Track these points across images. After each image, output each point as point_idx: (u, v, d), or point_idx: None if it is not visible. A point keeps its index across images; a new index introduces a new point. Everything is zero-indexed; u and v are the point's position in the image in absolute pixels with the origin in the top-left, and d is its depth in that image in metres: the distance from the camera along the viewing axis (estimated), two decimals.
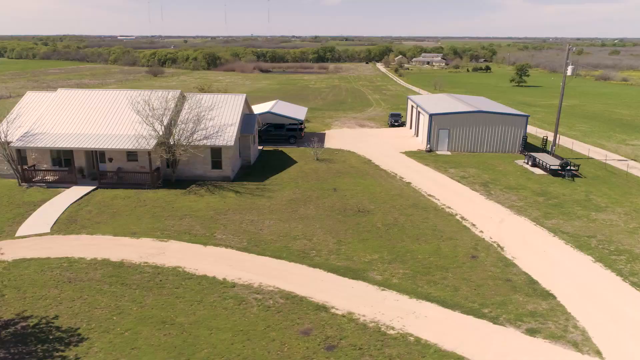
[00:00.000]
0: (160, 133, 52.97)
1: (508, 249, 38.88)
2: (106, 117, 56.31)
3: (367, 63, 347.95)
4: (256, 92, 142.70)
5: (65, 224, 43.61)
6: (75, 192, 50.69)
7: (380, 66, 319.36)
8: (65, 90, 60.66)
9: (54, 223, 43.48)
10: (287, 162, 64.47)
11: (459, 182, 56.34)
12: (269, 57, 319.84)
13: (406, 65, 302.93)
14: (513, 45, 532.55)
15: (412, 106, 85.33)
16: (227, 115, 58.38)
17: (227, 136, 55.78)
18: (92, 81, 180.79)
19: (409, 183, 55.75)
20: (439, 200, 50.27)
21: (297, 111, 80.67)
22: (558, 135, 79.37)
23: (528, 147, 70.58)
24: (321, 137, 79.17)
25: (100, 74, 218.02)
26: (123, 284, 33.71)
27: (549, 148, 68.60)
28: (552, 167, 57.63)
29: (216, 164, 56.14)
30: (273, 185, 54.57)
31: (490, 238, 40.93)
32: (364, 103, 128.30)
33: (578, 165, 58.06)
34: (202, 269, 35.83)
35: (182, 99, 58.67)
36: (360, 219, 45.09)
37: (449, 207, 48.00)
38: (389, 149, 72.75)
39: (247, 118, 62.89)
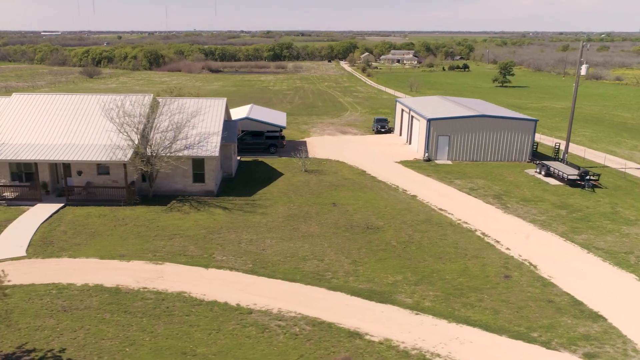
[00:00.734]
0: (137, 142, 53.53)
1: (542, 268, 40.79)
2: (73, 125, 56.75)
3: (329, 61, 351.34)
4: (210, 96, 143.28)
5: (41, 247, 43.98)
6: (42, 211, 50.93)
7: (344, 65, 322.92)
8: (21, 94, 60.86)
9: (28, 245, 43.69)
10: (271, 174, 65.63)
11: (468, 194, 58.31)
12: (218, 55, 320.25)
13: (374, 64, 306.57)
14: (490, 41, 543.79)
15: (403, 110, 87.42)
16: (208, 122, 59.33)
17: (211, 146, 56.73)
18: (20, 84, 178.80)
19: (415, 196, 57.49)
20: (452, 214, 52.08)
21: (276, 117, 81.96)
22: (555, 142, 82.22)
23: (536, 155, 73.02)
24: (302, 146, 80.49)
25: (27, 75, 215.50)
26: (126, 312, 34.43)
27: (560, 156, 71.13)
28: (570, 177, 59.96)
29: (198, 177, 57.01)
30: (263, 201, 55.65)
31: (520, 256, 42.82)
32: (337, 107, 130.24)
33: (598, 175, 60.62)
34: (210, 294, 36.75)
35: (155, 104, 59.33)
36: (371, 237, 46.55)
37: (466, 223, 49.83)
38: (381, 158, 74.53)
39: (228, 125, 63.91)
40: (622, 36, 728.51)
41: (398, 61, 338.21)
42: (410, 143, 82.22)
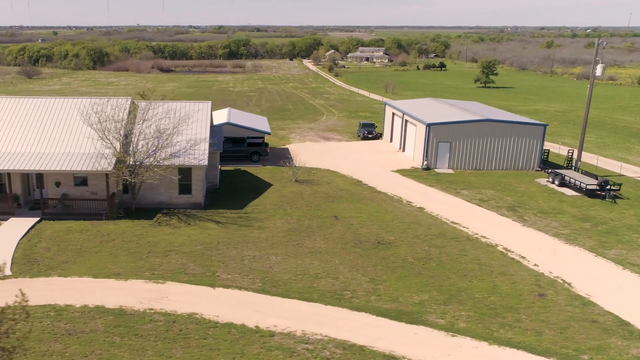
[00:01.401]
0: (118, 150, 54.20)
1: (577, 285, 42.55)
2: (46, 132, 57.21)
3: (291, 60, 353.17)
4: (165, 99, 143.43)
5: (26, 265, 44.43)
6: (18, 225, 51.30)
7: (308, 63, 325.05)
8: None
9: (11, 263, 44.12)
10: (259, 184, 66.71)
11: (479, 206, 60.12)
12: (169, 53, 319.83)
13: (341, 62, 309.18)
14: (465, 37, 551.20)
15: (394, 114, 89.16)
16: (194, 128, 60.19)
17: (199, 154, 57.62)
18: None
19: (422, 208, 59.11)
20: (467, 228, 53.77)
21: (258, 122, 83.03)
22: (569, 149, 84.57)
23: (546, 164, 75.17)
24: (286, 154, 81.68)
25: None
26: (137, 335, 35.22)
27: (571, 163, 73.35)
28: (589, 187, 62.10)
29: (185, 188, 57.83)
30: (257, 214, 56.71)
31: (550, 272, 44.58)
32: (310, 110, 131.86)
33: (619, 185, 62.82)
34: (224, 316, 37.71)
35: (134, 108, 60.02)
36: (385, 253, 47.95)
37: (484, 237, 51.53)
38: (375, 166, 76.09)
39: (212, 131, 64.80)
40: (610, 31, 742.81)
41: (367, 59, 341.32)
42: (404, 150, 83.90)
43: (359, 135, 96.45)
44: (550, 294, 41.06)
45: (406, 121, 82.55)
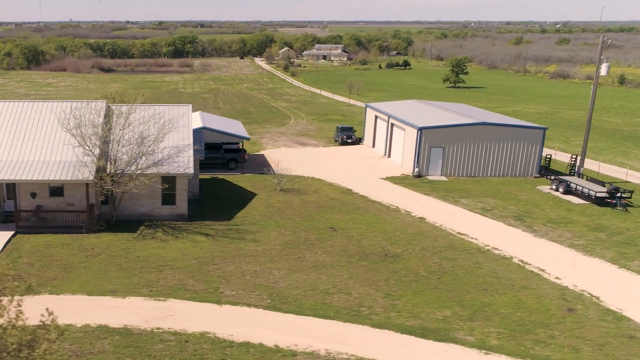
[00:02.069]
0: (100, 158, 54.61)
1: (606, 299, 44.22)
2: (18, 138, 57.24)
3: (242, 58, 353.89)
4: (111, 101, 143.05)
5: (11, 282, 44.50)
6: None
7: (261, 62, 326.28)
8: None
9: None
10: (242, 194, 67.54)
11: (483, 215, 61.78)
12: (109, 51, 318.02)
13: (296, 61, 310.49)
14: (427, 33, 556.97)
15: (377, 118, 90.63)
16: (177, 134, 60.71)
17: (183, 161, 58.25)
18: None
19: (423, 218, 60.55)
20: (476, 239, 55.32)
21: (234, 126, 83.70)
22: (572, 155, 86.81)
23: (547, 170, 77.13)
24: (262, 160, 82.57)
25: None
26: (150, 356, 35.93)
27: (574, 170, 75.39)
28: (598, 195, 64.11)
29: (168, 198, 58.42)
30: (247, 225, 57.59)
31: (575, 286, 46.22)
32: (275, 114, 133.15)
33: (631, 192, 64.93)
34: (238, 334, 38.58)
35: (109, 112, 60.40)
36: (395, 266, 49.24)
37: (496, 249, 53.11)
38: (362, 174, 77.44)
39: (194, 137, 65.37)
40: (581, 26, 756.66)
41: (324, 57, 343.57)
42: (389, 156, 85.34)
43: (336, 140, 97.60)
44: (579, 308, 42.57)
45: (392, 125, 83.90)
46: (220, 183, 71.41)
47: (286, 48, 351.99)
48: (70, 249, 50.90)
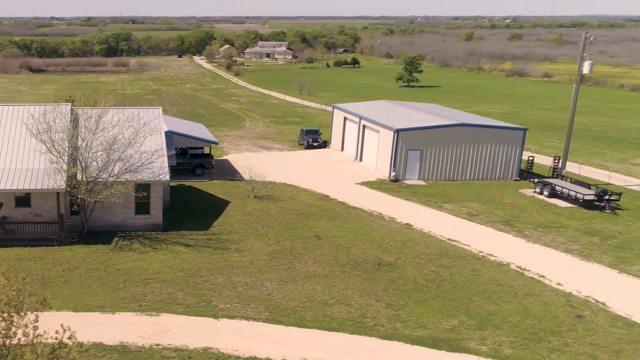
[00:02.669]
0: (69, 164, 54.59)
1: (612, 305, 45.66)
2: None
3: (180, 56, 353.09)
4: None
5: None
6: None
7: (201, 61, 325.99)
8: None
9: None
10: (214, 201, 67.94)
11: (470, 221, 63.12)
12: (36, 50, 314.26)
13: (239, 59, 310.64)
14: (373, 28, 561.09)
15: (347, 119, 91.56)
16: (149, 138, 60.73)
17: (157, 167, 58.41)
18: None
19: (409, 225, 61.65)
20: (468, 246, 56.58)
21: (197, 129, 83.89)
22: (554, 157, 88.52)
23: (528, 172, 78.75)
24: (228, 166, 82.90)
25: None
26: None
27: (557, 172, 77.08)
28: (586, 198, 65.85)
29: (142, 207, 58.52)
30: (227, 235, 58.07)
31: (579, 292, 47.66)
32: (228, 116, 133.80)
33: (619, 195, 66.80)
34: (243, 349, 39.13)
35: (75, 116, 60.30)
36: (391, 275, 50.22)
37: (491, 255, 54.42)
38: (335, 178, 78.33)
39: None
40: (532, 21, 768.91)
41: (268, 55, 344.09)
42: (361, 160, 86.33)
43: (301, 144, 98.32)
44: (587, 315, 43.90)
45: (364, 127, 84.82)
46: (189, 190, 71.61)
47: (227, 46, 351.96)
48: (44, 263, 50.79)
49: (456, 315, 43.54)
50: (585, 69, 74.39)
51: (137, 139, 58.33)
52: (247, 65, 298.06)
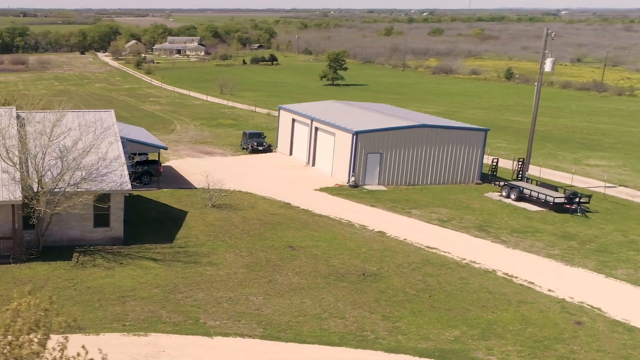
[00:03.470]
0: (24, 173, 54.42)
1: (608, 310, 48.06)
2: None
3: (83, 53, 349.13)
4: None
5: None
6: None
7: (106, 58, 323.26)
8: None
9: None
10: (171, 212, 68.32)
11: (443, 227, 65.14)
12: None
13: (148, 56, 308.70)
14: (285, 22, 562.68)
15: (295, 121, 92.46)
16: (104, 144, 60.71)
17: (117, 176, 58.47)
18: None
19: (383, 233, 63.21)
20: (449, 253, 58.46)
21: (140, 134, 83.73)
22: (512, 159, 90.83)
23: (487, 175, 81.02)
24: (174, 173, 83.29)
25: None
26: None
27: (517, 175, 79.54)
28: (557, 201, 68.33)
29: (101, 219, 58.48)
30: (194, 247, 58.66)
31: (572, 298, 49.96)
32: (155, 119, 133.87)
33: (589, 197, 69.64)
34: None
35: (20, 120, 60.01)
36: (378, 285, 51.71)
37: (474, 262, 56.40)
38: (291, 185, 79.41)
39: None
40: (450, 15, 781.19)
41: (179, 52, 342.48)
42: (314, 164, 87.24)
43: (244, 148, 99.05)
44: (586, 321, 46.20)
45: (317, 129, 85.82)
46: (139, 200, 71.65)
47: (134, 41, 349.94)
48: (4, 282, 50.62)
49: (456, 325, 45.05)
50: (547, 66, 76.53)
51: (98, 145, 57.97)
52: (158, 63, 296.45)
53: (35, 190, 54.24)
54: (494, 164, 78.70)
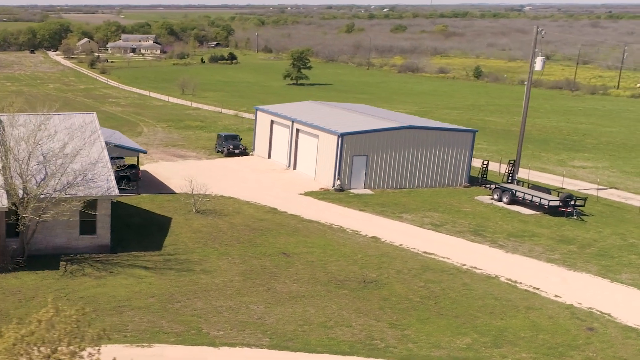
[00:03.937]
0: (6, 179, 54.28)
1: (618, 316, 48.92)
2: None
3: (32, 52, 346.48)
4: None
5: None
6: None
7: (58, 57, 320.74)
8: None
9: None
10: (154, 218, 68.39)
11: (437, 232, 65.91)
12: None
13: (102, 55, 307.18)
14: (241, 19, 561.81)
15: (274, 123, 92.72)
16: (88, 148, 60.60)
17: (103, 181, 58.51)
18: None
19: (377, 238, 63.79)
20: (448, 259, 59.16)
21: (115, 137, 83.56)
22: (498, 162, 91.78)
23: (476, 178, 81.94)
24: (151, 177, 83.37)
25: None
26: None
27: (513, 177, 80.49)
28: (551, 204, 69.30)
29: (87, 226, 58.41)
30: (184, 255, 58.85)
31: (580, 303, 50.81)
32: (119, 121, 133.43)
33: (584, 199, 70.70)
34: None
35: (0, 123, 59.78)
36: (380, 293, 52.26)
37: (476, 268, 57.14)
38: (274, 189, 79.80)
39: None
40: (411, 10, 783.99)
41: (133, 50, 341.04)
42: (295, 168, 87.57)
43: (220, 151, 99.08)
44: (598, 327, 47.08)
45: (298, 131, 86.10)
46: (118, 206, 71.27)
47: (86, 39, 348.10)
48: None
49: (466, 332, 45.69)
50: (538, 65, 77.34)
51: (83, 149, 57.89)
52: (112, 62, 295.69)
53: (20, 196, 53.32)
54: (485, 166, 78.77)
